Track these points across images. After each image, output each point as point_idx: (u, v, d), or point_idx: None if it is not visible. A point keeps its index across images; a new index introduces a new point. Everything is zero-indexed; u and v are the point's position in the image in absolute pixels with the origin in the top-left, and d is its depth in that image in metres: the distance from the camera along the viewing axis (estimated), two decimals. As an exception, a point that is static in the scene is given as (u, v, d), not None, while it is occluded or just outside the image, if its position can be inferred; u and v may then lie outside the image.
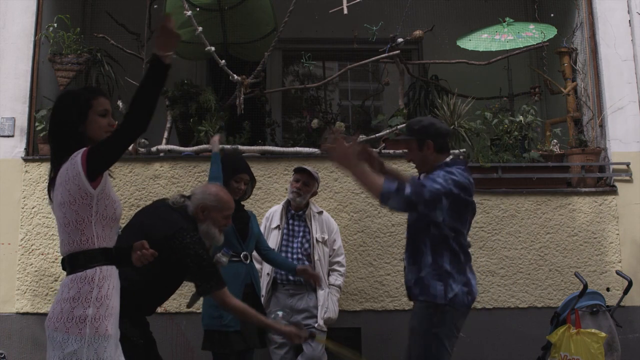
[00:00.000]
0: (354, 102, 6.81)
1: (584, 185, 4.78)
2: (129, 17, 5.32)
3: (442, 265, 2.68)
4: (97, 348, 2.05)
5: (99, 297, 2.09)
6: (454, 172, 2.69)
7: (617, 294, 4.41)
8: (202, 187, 2.95)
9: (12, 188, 4.62)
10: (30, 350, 4.45)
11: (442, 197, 2.60)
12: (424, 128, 2.80)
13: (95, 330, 2.06)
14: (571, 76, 5.25)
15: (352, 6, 4.87)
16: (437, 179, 2.63)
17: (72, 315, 2.07)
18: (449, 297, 2.66)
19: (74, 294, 2.09)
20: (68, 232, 2.15)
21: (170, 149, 4.73)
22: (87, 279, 2.10)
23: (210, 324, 3.28)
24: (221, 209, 2.82)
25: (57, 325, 2.10)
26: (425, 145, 2.79)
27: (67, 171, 2.12)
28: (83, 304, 2.07)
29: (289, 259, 3.92)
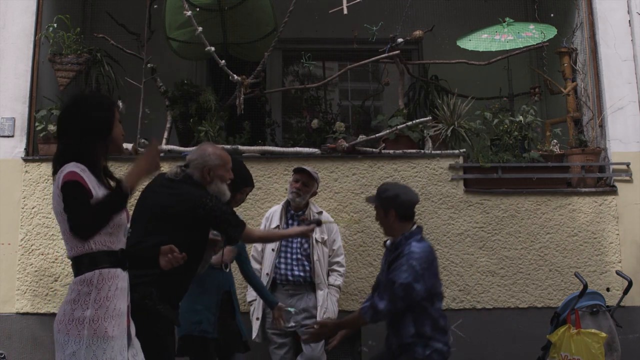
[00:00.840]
0: (354, 102, 6.81)
1: (584, 186, 4.78)
2: (129, 17, 5.32)
3: (425, 333, 2.91)
4: (96, 350, 2.07)
5: (97, 299, 2.12)
6: (413, 249, 2.91)
7: (617, 294, 4.41)
8: (196, 151, 3.02)
9: (12, 188, 4.62)
10: (30, 350, 4.45)
11: (413, 285, 2.84)
12: (389, 198, 3.04)
13: (94, 332, 2.08)
14: (571, 76, 5.25)
15: (352, 6, 4.87)
16: (401, 270, 2.86)
17: (72, 317, 2.09)
18: (427, 354, 2.90)
19: (74, 296, 2.13)
20: (66, 239, 2.20)
21: (170, 149, 4.72)
22: (86, 281, 2.13)
23: (189, 330, 3.22)
24: (224, 164, 2.96)
25: (59, 327, 2.12)
26: (389, 213, 3.03)
27: (55, 183, 2.17)
28: (82, 305, 2.10)
29: (288, 259, 3.92)
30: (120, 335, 2.16)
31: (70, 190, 2.11)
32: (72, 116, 2.25)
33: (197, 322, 3.22)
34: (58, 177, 2.16)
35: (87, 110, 2.25)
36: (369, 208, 4.63)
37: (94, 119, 2.23)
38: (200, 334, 3.21)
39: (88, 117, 2.23)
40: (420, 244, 2.97)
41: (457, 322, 4.52)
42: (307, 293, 3.92)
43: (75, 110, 2.26)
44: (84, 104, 2.28)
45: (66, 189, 2.11)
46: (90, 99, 2.32)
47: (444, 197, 4.66)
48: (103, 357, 2.07)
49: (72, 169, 2.14)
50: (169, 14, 5.20)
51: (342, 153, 4.68)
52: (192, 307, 3.19)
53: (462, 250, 4.61)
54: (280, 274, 3.92)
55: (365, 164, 4.70)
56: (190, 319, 3.22)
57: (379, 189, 3.17)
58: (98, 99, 2.32)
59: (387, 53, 5.05)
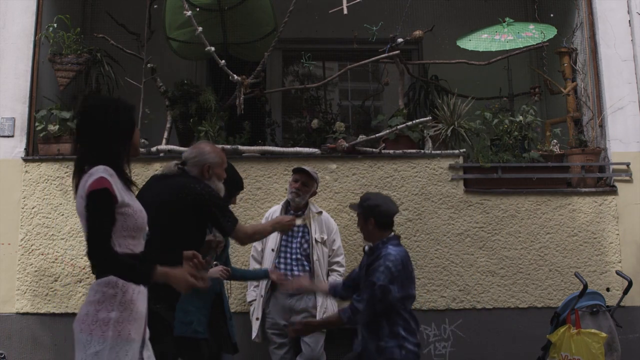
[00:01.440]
0: (354, 102, 6.82)
1: (584, 186, 4.78)
2: (129, 17, 5.32)
3: (399, 332, 3.08)
4: (119, 351, 2.11)
5: (122, 301, 2.16)
6: (389, 252, 3.09)
7: (617, 294, 4.41)
8: (194, 149, 3.03)
9: (12, 188, 4.62)
10: (30, 350, 4.45)
11: (388, 287, 3.01)
12: (369, 207, 3.21)
13: (118, 334, 2.12)
14: (571, 76, 5.25)
15: (352, 6, 4.86)
16: (379, 271, 3.04)
17: (96, 318, 2.13)
18: (403, 354, 3.06)
19: (99, 297, 2.15)
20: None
21: (170, 149, 4.73)
22: (112, 284, 2.16)
23: (181, 330, 3.20)
24: (221, 163, 3.00)
25: (82, 327, 2.14)
26: (369, 221, 3.20)
27: (81, 185, 2.17)
28: (107, 307, 2.14)
29: (287, 259, 3.92)
30: (139, 338, 2.20)
31: (96, 200, 2.12)
32: (97, 119, 2.25)
33: (189, 322, 3.22)
34: (85, 181, 2.15)
35: (115, 113, 2.27)
36: (369, 208, 4.63)
37: (121, 122, 2.27)
38: (192, 335, 3.21)
39: (116, 120, 2.25)
40: (397, 248, 3.15)
41: (457, 322, 4.52)
42: (306, 293, 3.92)
43: (102, 112, 2.26)
44: (111, 107, 2.29)
45: (92, 198, 2.12)
46: (117, 102, 2.34)
47: (444, 197, 4.66)
48: (125, 359, 2.12)
49: (101, 174, 2.14)
50: (169, 14, 5.20)
51: (342, 153, 4.68)
52: (184, 308, 3.17)
53: (462, 250, 4.60)
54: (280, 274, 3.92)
55: (365, 164, 4.70)
56: (182, 319, 3.22)
57: (361, 198, 3.35)
58: (123, 103, 2.34)
59: (387, 53, 5.04)
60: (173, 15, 5.17)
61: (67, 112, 4.69)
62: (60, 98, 4.90)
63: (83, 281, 4.47)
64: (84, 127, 2.28)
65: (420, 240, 4.60)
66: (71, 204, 4.57)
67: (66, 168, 4.62)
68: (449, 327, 4.52)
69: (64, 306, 4.45)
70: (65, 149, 4.66)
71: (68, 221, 4.56)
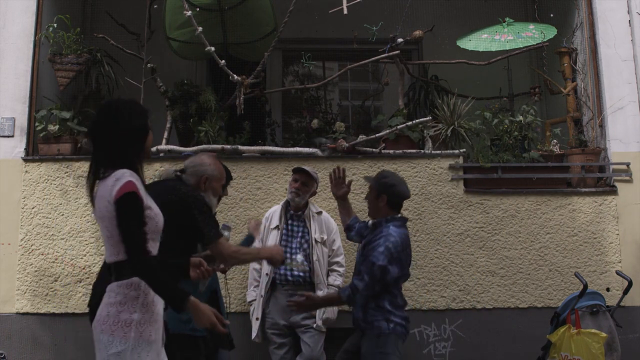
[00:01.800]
0: (354, 102, 6.81)
1: (584, 186, 4.78)
2: (129, 17, 5.32)
3: (384, 307, 3.15)
4: (141, 352, 2.15)
5: (145, 303, 2.19)
6: (391, 232, 3.14)
7: (617, 294, 4.40)
8: (195, 159, 3.02)
9: (12, 188, 4.62)
10: (30, 350, 4.45)
11: (388, 267, 3.07)
12: (385, 184, 3.28)
13: (140, 335, 2.16)
14: (571, 76, 5.25)
15: (352, 6, 4.86)
16: (378, 251, 3.08)
17: (118, 319, 2.16)
18: (391, 327, 3.14)
19: (120, 298, 2.18)
20: (112, 244, 2.23)
21: (170, 149, 4.73)
22: (134, 286, 2.19)
23: (179, 328, 3.19)
24: (220, 178, 3.00)
25: (103, 327, 2.17)
26: (381, 197, 3.25)
27: (106, 188, 2.19)
28: (129, 308, 2.17)
29: (287, 259, 3.93)
30: (158, 339, 2.25)
31: (129, 204, 2.16)
32: (117, 122, 2.27)
33: (187, 321, 3.21)
34: (111, 185, 2.17)
35: (133, 117, 2.30)
36: (369, 208, 4.63)
37: (138, 126, 2.30)
38: (190, 332, 3.22)
39: (133, 124, 2.29)
40: (398, 229, 3.19)
41: (457, 322, 4.52)
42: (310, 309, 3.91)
43: (119, 116, 2.28)
44: (129, 111, 2.31)
45: (124, 203, 2.15)
46: (135, 106, 2.36)
47: (444, 197, 4.66)
48: (147, 359, 2.16)
49: (129, 178, 2.19)
50: (169, 14, 5.21)
51: (342, 153, 4.68)
52: None
53: (462, 250, 4.60)
54: (280, 274, 3.92)
55: (365, 164, 4.69)
56: (179, 317, 3.22)
57: (379, 174, 3.40)
58: (140, 107, 2.38)
59: (387, 53, 5.04)
60: (173, 15, 5.17)
61: (67, 112, 4.70)
62: (60, 98, 4.90)
63: (83, 281, 4.47)
64: (102, 130, 2.30)
65: (420, 240, 4.60)
66: (71, 204, 4.57)
67: (66, 168, 4.62)
68: (449, 327, 4.52)
69: (64, 306, 4.45)
70: (65, 149, 4.66)
71: (68, 221, 4.56)
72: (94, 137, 2.32)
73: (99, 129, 2.30)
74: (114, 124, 2.27)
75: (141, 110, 2.35)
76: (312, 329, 3.88)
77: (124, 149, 2.26)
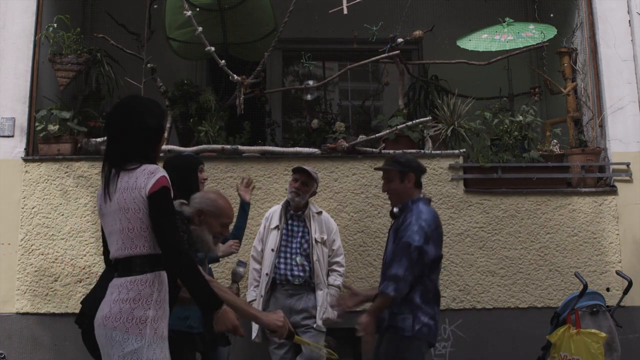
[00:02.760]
0: (354, 102, 6.81)
1: (584, 185, 4.78)
2: (129, 17, 5.32)
3: (413, 300, 2.85)
4: (156, 348, 2.15)
5: (158, 300, 2.19)
6: (421, 209, 2.95)
7: (617, 294, 4.40)
8: (202, 192, 2.99)
9: (12, 188, 4.62)
10: (30, 350, 4.45)
11: (424, 248, 2.84)
12: (409, 162, 3.12)
13: (154, 331, 2.16)
14: (571, 76, 5.25)
15: (352, 6, 4.86)
16: (412, 230, 2.85)
17: (132, 316, 2.14)
18: (416, 329, 2.82)
19: (134, 295, 2.16)
20: (131, 237, 2.21)
21: (170, 149, 4.72)
22: (148, 282, 2.18)
23: (177, 325, 3.17)
24: (218, 215, 2.78)
25: (116, 324, 2.14)
26: (407, 178, 3.06)
27: (136, 180, 2.19)
28: (144, 305, 2.16)
29: (287, 259, 3.93)
30: (167, 335, 2.25)
31: (166, 199, 2.19)
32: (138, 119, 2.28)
33: (185, 317, 3.22)
34: (145, 177, 2.17)
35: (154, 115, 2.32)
36: (369, 208, 4.63)
37: (157, 125, 2.33)
38: (187, 330, 3.22)
39: (154, 123, 2.30)
40: (428, 207, 3.01)
41: (457, 322, 4.52)
42: (306, 293, 3.92)
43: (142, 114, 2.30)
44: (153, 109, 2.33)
45: (161, 197, 2.17)
46: (154, 105, 2.38)
47: (444, 197, 4.66)
48: (161, 356, 2.16)
49: (164, 173, 2.21)
50: (169, 14, 5.21)
51: (342, 153, 4.68)
52: None
53: (462, 250, 4.60)
54: (280, 274, 3.92)
55: (365, 164, 4.69)
56: (178, 314, 3.23)
57: (391, 159, 3.22)
58: (159, 106, 2.40)
59: (387, 53, 5.05)
60: (173, 15, 5.17)
61: (67, 112, 4.70)
62: (60, 98, 4.90)
63: (83, 281, 4.47)
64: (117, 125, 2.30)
65: (420, 240, 4.59)
66: (71, 204, 4.57)
67: (66, 168, 4.62)
68: (449, 327, 4.52)
69: (64, 306, 4.45)
70: (65, 149, 4.66)
71: (68, 221, 4.56)
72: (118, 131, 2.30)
73: (119, 125, 2.30)
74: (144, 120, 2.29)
75: (162, 111, 2.42)
76: (313, 329, 3.88)
77: (152, 145, 2.29)
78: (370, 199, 4.64)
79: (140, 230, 2.19)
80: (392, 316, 2.85)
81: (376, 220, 4.61)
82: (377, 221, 4.61)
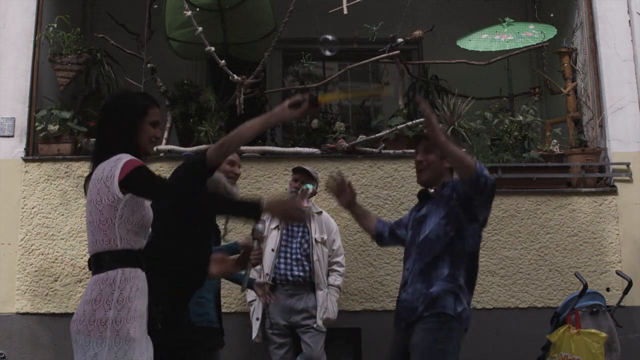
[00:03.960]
0: (354, 102, 6.81)
1: (584, 186, 4.78)
2: (129, 17, 5.32)
3: (458, 279, 2.63)
4: (118, 351, 2.02)
5: (120, 300, 2.07)
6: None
7: (617, 294, 4.40)
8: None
9: (12, 188, 4.62)
10: (30, 350, 4.45)
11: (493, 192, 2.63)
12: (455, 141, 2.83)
13: (116, 334, 2.04)
14: (571, 76, 5.25)
15: (352, 6, 4.86)
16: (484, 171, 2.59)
17: (93, 318, 2.04)
18: (458, 310, 2.61)
19: (95, 295, 2.07)
20: (92, 230, 2.15)
21: (170, 149, 4.73)
22: (109, 281, 2.09)
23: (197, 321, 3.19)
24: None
25: (79, 327, 2.06)
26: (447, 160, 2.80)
27: (102, 170, 2.14)
28: (104, 306, 2.05)
29: (287, 259, 3.93)
30: (141, 336, 2.13)
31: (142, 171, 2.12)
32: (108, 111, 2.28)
33: (204, 313, 3.24)
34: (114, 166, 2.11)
35: (113, 104, 2.28)
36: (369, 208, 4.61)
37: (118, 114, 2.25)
38: (208, 324, 3.23)
39: (111, 111, 2.27)
40: None
41: (457, 322, 4.51)
42: (306, 293, 3.92)
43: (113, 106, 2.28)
44: (114, 99, 2.31)
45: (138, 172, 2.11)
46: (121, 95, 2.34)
47: (444, 197, 4.66)
48: (124, 359, 2.04)
49: (127, 157, 2.14)
50: (169, 14, 5.21)
51: (342, 153, 4.68)
52: (198, 301, 3.19)
53: (462, 250, 4.60)
54: (280, 274, 3.92)
55: (365, 164, 4.69)
56: (196, 312, 3.25)
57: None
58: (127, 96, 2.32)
59: (387, 53, 5.04)
60: (173, 15, 5.17)
61: (67, 112, 4.69)
62: (60, 98, 4.90)
63: (83, 281, 4.47)
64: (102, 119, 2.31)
65: (420, 240, 4.59)
66: (71, 204, 4.57)
67: (66, 168, 4.62)
68: (449, 327, 4.51)
69: (64, 306, 4.45)
70: (65, 149, 4.66)
71: (68, 221, 4.56)
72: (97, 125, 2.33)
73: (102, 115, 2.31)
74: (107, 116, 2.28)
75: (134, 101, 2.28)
76: (313, 329, 3.88)
77: (113, 141, 2.22)
78: (370, 199, 4.64)
79: (99, 223, 2.12)
80: (430, 302, 2.59)
81: (376, 220, 4.60)
82: (377, 221, 4.60)
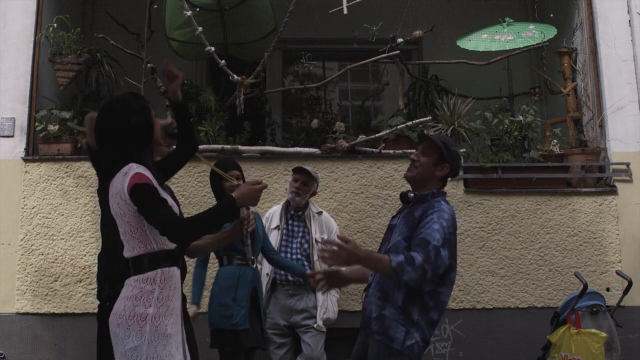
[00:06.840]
0: (354, 102, 6.81)
1: (584, 186, 4.78)
2: (129, 17, 5.32)
3: (411, 314, 2.52)
4: (157, 346, 2.15)
5: (160, 298, 2.20)
6: (443, 208, 2.58)
7: (617, 294, 4.40)
8: None
9: (12, 188, 4.62)
10: (30, 350, 4.45)
11: (440, 250, 2.46)
12: (456, 154, 2.72)
13: (155, 329, 2.16)
14: (571, 76, 5.25)
15: (352, 6, 4.87)
16: (433, 228, 2.49)
17: (133, 313, 2.17)
18: (407, 344, 2.50)
19: (136, 292, 2.19)
20: (126, 240, 2.25)
21: (170, 149, 4.72)
22: (150, 280, 2.20)
23: (220, 323, 3.30)
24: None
25: (119, 321, 2.18)
26: (442, 166, 2.69)
27: (115, 185, 2.20)
28: (144, 303, 2.18)
29: (287, 259, 3.93)
30: (177, 332, 2.25)
31: (143, 191, 2.17)
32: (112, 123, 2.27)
33: (229, 316, 3.28)
34: (121, 180, 2.17)
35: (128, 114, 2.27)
36: (369, 208, 4.63)
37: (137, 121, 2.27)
38: (232, 328, 3.27)
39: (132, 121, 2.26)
40: (449, 206, 2.63)
41: (457, 322, 4.52)
42: (306, 293, 3.92)
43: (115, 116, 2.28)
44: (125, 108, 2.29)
45: (138, 191, 2.15)
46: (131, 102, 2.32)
47: (444, 197, 4.66)
48: (163, 353, 2.16)
49: (137, 170, 2.19)
50: (169, 14, 5.21)
51: (342, 153, 4.68)
52: (223, 302, 3.29)
53: (462, 250, 4.60)
54: (280, 274, 3.92)
55: (365, 164, 4.70)
56: (221, 313, 3.30)
57: (447, 140, 2.75)
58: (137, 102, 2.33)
59: (387, 53, 5.04)
60: (173, 15, 5.17)
61: (67, 112, 4.70)
62: (60, 98, 4.90)
63: (83, 281, 4.47)
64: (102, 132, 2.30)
65: (420, 240, 4.59)
66: (71, 204, 4.57)
67: (66, 168, 4.62)
68: (449, 327, 4.52)
69: (64, 306, 4.45)
70: (65, 149, 4.66)
71: (68, 221, 4.56)
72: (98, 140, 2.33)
73: (101, 131, 2.30)
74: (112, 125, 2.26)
75: (139, 106, 2.30)
76: (313, 329, 3.88)
77: (128, 148, 2.25)
78: (370, 199, 4.64)
79: (132, 233, 2.21)
80: (382, 324, 2.53)
81: (376, 220, 4.61)
82: (377, 221, 4.61)
